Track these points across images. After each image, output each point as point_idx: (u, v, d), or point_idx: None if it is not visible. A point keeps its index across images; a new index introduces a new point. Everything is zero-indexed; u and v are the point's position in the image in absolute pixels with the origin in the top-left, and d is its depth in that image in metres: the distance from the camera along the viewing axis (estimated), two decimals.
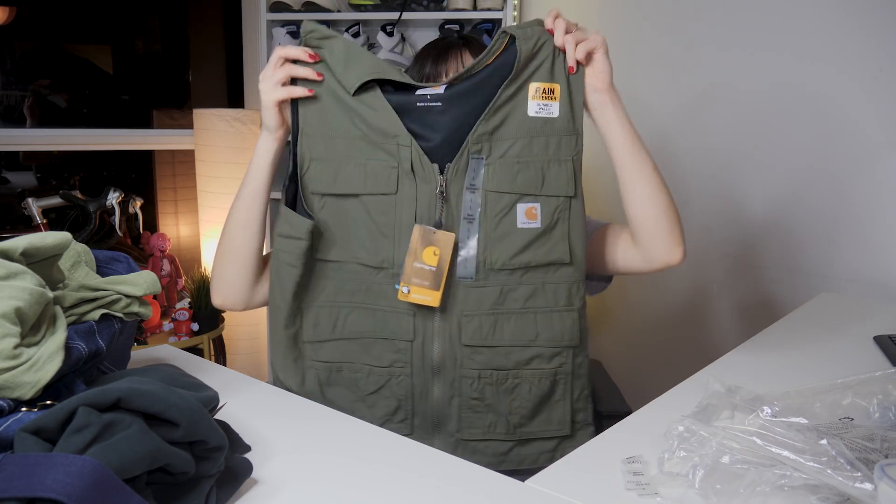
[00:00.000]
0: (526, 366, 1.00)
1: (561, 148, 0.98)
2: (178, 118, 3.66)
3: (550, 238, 0.99)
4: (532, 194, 0.98)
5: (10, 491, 0.47)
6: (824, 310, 1.46)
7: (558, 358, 1.00)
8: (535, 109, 0.98)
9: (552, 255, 0.99)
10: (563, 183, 0.98)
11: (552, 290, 1.00)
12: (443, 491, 0.69)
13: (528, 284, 0.99)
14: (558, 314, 1.00)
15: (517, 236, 0.98)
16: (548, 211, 0.98)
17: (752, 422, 0.72)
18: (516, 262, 0.98)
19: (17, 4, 3.63)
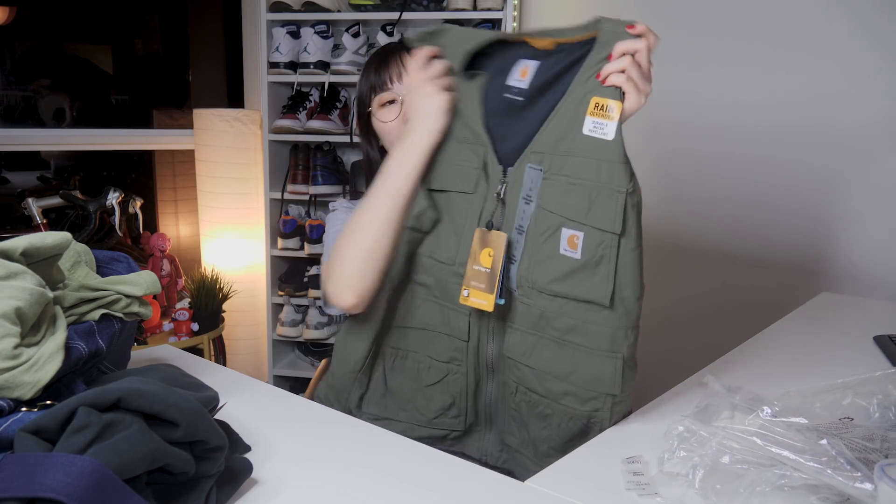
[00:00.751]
0: (558, 400, 0.93)
1: (614, 177, 0.85)
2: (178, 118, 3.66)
3: (594, 275, 0.88)
4: (577, 221, 0.88)
5: (10, 491, 0.47)
6: (824, 310, 1.46)
7: (594, 402, 0.91)
8: (589, 127, 0.87)
9: (591, 294, 0.88)
10: (611, 216, 0.85)
11: (594, 330, 0.89)
12: (443, 491, 0.69)
13: (569, 317, 0.90)
14: (598, 357, 0.89)
15: (557, 262, 0.90)
16: (590, 244, 0.87)
17: (752, 422, 0.72)
18: (554, 290, 0.90)
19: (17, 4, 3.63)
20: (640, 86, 0.85)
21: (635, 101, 0.85)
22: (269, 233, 2.53)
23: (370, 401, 1.09)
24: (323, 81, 2.43)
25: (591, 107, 0.87)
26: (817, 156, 1.85)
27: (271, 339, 2.57)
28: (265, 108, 2.45)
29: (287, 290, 2.50)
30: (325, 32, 2.38)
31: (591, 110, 0.87)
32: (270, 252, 2.53)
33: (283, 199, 2.51)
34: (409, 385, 1.06)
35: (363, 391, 1.09)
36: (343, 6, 2.41)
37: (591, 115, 0.87)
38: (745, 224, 1.99)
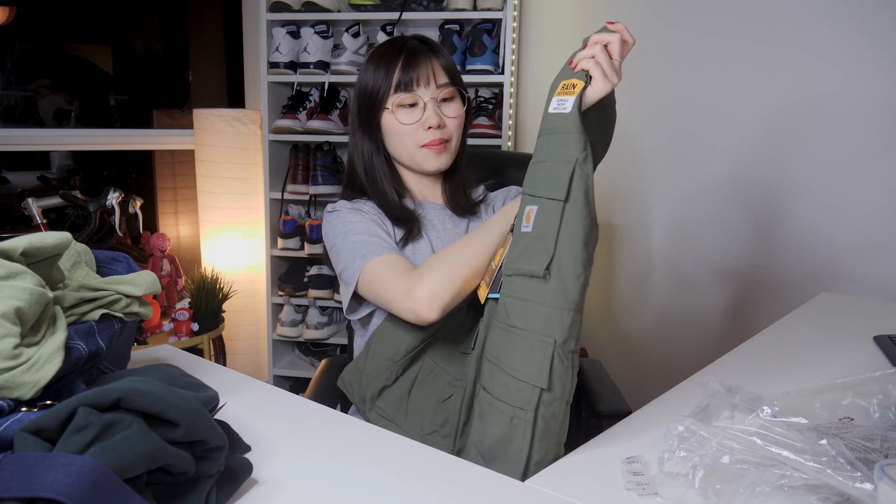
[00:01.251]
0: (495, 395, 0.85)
1: (567, 147, 0.85)
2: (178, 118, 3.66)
3: (537, 248, 0.84)
4: (535, 196, 0.87)
5: (10, 491, 0.47)
6: (824, 310, 1.46)
7: (520, 395, 0.82)
8: (553, 106, 0.88)
9: (531, 264, 0.83)
10: (557, 184, 0.83)
11: (532, 309, 0.83)
12: (443, 491, 0.69)
13: (518, 298, 0.85)
14: (531, 342, 0.82)
15: (519, 241, 0.87)
16: (542, 216, 0.85)
17: (752, 422, 0.72)
18: (510, 268, 0.87)
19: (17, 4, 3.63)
20: (607, 72, 0.86)
21: (601, 85, 0.86)
22: (269, 233, 2.53)
23: (388, 397, 1.06)
24: (323, 81, 2.43)
25: (558, 89, 0.89)
26: (817, 156, 1.85)
27: (271, 339, 2.57)
28: (265, 108, 2.45)
29: (287, 290, 2.50)
30: (325, 32, 2.38)
31: (558, 91, 0.89)
32: (270, 252, 2.53)
33: (283, 199, 2.51)
34: (428, 399, 1.03)
35: (387, 384, 1.06)
36: (343, 6, 2.41)
37: (557, 95, 0.89)
38: (745, 224, 1.99)
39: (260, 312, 2.61)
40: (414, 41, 1.16)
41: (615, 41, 0.89)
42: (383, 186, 1.18)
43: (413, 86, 1.12)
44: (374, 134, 1.17)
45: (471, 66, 2.22)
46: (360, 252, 1.07)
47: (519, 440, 0.82)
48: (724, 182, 2.02)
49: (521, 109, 2.42)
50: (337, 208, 1.17)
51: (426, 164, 1.16)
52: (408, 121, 1.13)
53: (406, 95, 1.12)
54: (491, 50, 2.23)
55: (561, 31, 2.35)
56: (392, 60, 1.13)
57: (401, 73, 1.12)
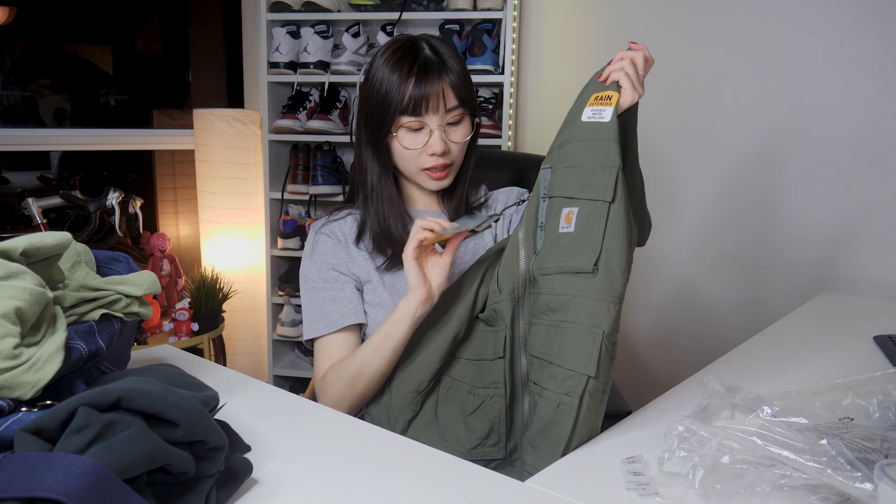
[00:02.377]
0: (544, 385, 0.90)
1: (608, 153, 0.91)
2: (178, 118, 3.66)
3: (585, 245, 0.89)
4: (573, 197, 0.92)
5: (10, 491, 0.47)
6: (824, 310, 1.46)
7: (569, 382, 0.87)
8: (588, 115, 0.94)
9: (578, 261, 0.89)
10: (602, 187, 0.89)
11: (578, 303, 0.88)
12: (443, 491, 0.69)
13: (560, 294, 0.90)
14: (579, 332, 0.88)
15: (556, 241, 0.93)
16: (583, 216, 0.90)
17: (752, 422, 0.72)
18: (550, 267, 0.92)
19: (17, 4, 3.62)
20: (635, 83, 0.94)
21: (630, 94, 0.94)
22: (269, 233, 2.53)
23: (417, 427, 1.06)
24: (323, 81, 2.43)
25: (591, 100, 0.95)
26: (818, 155, 1.85)
27: (271, 339, 2.57)
28: (265, 108, 2.45)
29: (287, 290, 2.50)
30: (325, 32, 2.38)
31: (591, 102, 0.95)
32: (270, 252, 2.53)
33: (283, 199, 2.51)
34: (455, 415, 1.04)
35: (413, 415, 1.07)
36: (343, 6, 2.41)
37: (590, 106, 0.95)
38: (745, 224, 1.99)
39: (260, 312, 2.61)
40: (427, 51, 1.11)
41: (639, 57, 0.96)
42: (386, 208, 1.17)
43: (421, 111, 1.09)
44: (381, 154, 1.16)
45: (471, 66, 2.22)
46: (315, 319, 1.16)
47: (562, 425, 0.86)
48: (725, 182, 2.02)
49: (521, 109, 2.42)
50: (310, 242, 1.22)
51: (426, 185, 1.17)
52: (412, 146, 1.11)
53: (413, 120, 1.10)
54: (491, 50, 2.23)
55: (561, 31, 2.35)
56: (403, 74, 1.09)
57: (413, 90, 1.08)
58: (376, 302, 1.16)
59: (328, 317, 1.15)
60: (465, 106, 1.13)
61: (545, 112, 2.41)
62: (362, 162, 1.18)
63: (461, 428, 1.03)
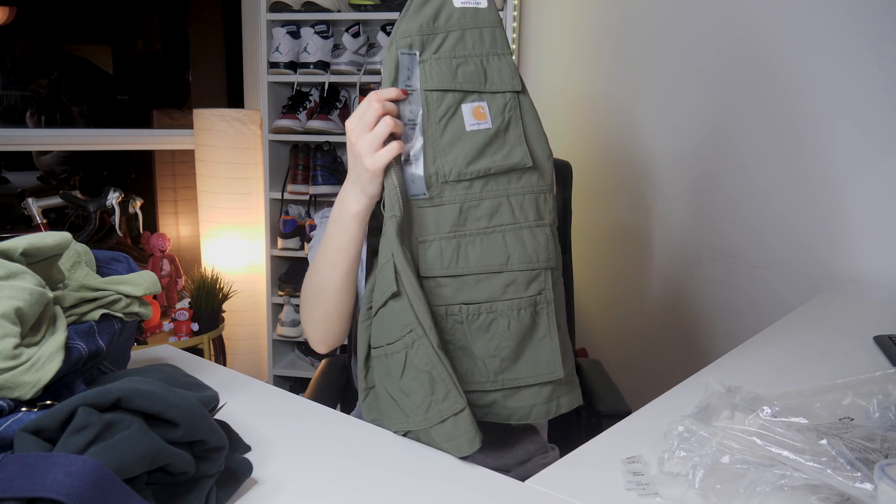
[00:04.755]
0: (501, 296, 0.86)
1: (496, 41, 0.89)
2: (178, 118, 3.66)
3: (506, 140, 0.87)
4: (476, 91, 0.87)
5: (10, 491, 0.47)
6: (824, 310, 1.46)
7: (536, 283, 0.87)
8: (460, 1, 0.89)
9: (511, 158, 0.87)
10: (507, 76, 0.88)
11: (518, 202, 0.87)
12: (443, 491, 0.69)
13: (490, 198, 0.87)
14: (529, 231, 0.87)
15: (469, 140, 0.86)
16: (496, 109, 0.88)
17: (752, 422, 0.72)
18: (473, 171, 0.86)
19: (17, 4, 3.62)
20: None
21: None
22: (269, 233, 2.53)
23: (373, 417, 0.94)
24: (323, 81, 2.43)
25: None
26: (817, 156, 1.85)
27: (271, 339, 2.57)
28: (265, 108, 2.45)
29: (287, 290, 2.50)
30: (325, 32, 2.38)
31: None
32: (270, 252, 2.53)
33: (283, 199, 2.51)
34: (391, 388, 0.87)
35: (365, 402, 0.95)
36: (343, 6, 2.41)
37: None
38: (745, 224, 1.99)
39: (260, 312, 2.61)
40: None
41: None
42: None
43: None
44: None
45: None
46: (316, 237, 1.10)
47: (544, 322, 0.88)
48: (724, 182, 2.02)
49: None
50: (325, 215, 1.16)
51: None
52: None
53: None
54: None
55: (561, 31, 2.35)
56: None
57: None
58: None
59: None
60: None
61: (545, 112, 2.41)
62: None
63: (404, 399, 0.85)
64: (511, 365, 0.87)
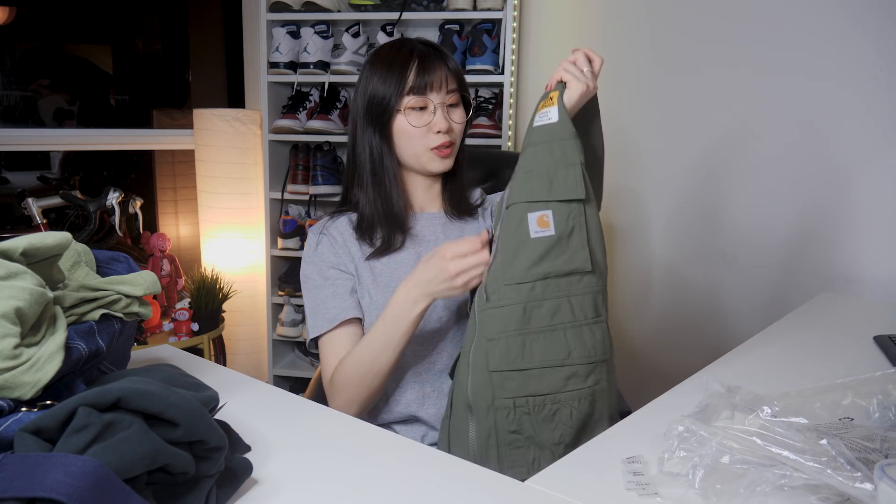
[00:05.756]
0: (563, 388, 0.93)
1: (566, 152, 0.94)
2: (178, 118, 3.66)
3: (569, 246, 0.93)
4: (541, 200, 0.93)
5: (10, 491, 0.47)
6: (824, 310, 1.46)
7: (594, 375, 0.94)
8: (537, 121, 0.97)
9: (572, 263, 0.93)
10: (573, 186, 0.93)
11: (578, 302, 0.94)
12: (443, 490, 0.69)
13: (551, 299, 0.93)
14: (588, 328, 0.94)
15: (531, 247, 0.93)
16: (560, 217, 0.93)
17: (752, 422, 0.72)
18: (534, 274, 0.93)
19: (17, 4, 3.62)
20: (577, 74, 0.98)
21: (576, 86, 0.97)
22: (269, 233, 2.53)
23: None
24: (323, 81, 2.43)
25: (538, 108, 0.98)
26: (817, 156, 1.85)
27: (271, 339, 2.57)
28: (265, 108, 2.45)
29: (287, 290, 2.50)
30: (325, 32, 2.38)
31: (538, 109, 0.98)
32: (270, 252, 2.53)
33: (283, 199, 2.51)
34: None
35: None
36: (343, 6, 2.41)
37: (539, 112, 0.98)
38: (746, 224, 1.99)
39: (260, 312, 2.61)
40: (422, 45, 1.18)
41: (579, 56, 1.00)
42: (390, 191, 1.18)
43: (426, 90, 1.14)
44: (385, 136, 1.17)
45: (471, 66, 2.22)
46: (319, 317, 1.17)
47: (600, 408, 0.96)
48: (724, 182, 2.02)
49: (521, 109, 2.42)
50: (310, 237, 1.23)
51: (431, 166, 1.17)
52: (418, 123, 1.14)
53: (418, 99, 1.14)
54: (491, 50, 2.23)
55: (561, 31, 2.35)
56: (405, 64, 1.14)
57: (415, 77, 1.13)
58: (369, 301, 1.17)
59: (330, 312, 1.15)
60: (462, 90, 1.20)
61: None
62: (360, 149, 1.19)
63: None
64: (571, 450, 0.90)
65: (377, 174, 1.18)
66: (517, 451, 0.95)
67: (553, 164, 0.94)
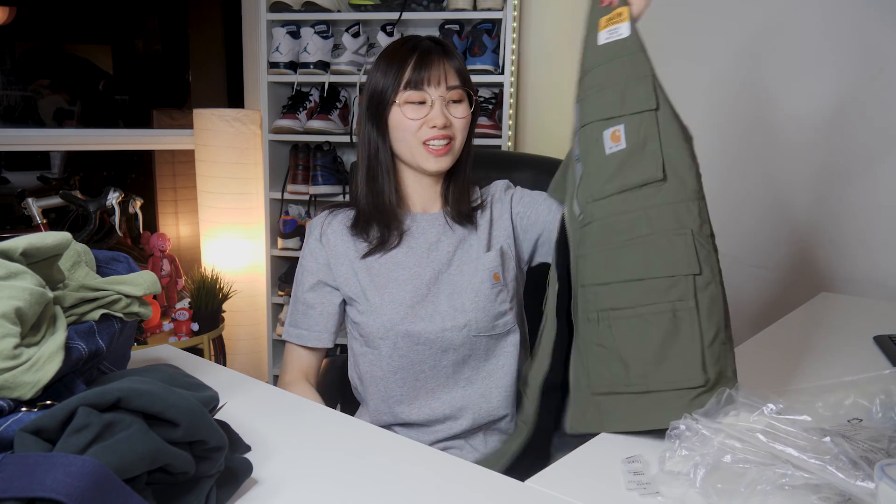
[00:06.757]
0: (643, 302, 0.89)
1: (637, 65, 0.94)
2: (178, 118, 3.66)
3: (643, 156, 0.91)
4: (614, 116, 0.93)
5: (10, 491, 0.47)
6: (824, 310, 1.46)
7: (675, 290, 0.87)
8: (604, 38, 0.97)
9: (644, 174, 0.91)
10: (644, 97, 0.92)
11: (657, 214, 0.90)
12: (443, 490, 0.69)
13: (630, 212, 0.91)
14: (666, 239, 0.89)
15: (607, 163, 0.93)
16: (632, 130, 0.92)
17: (757, 419, 0.72)
18: (609, 189, 0.93)
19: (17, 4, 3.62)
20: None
21: (641, 3, 0.97)
22: (269, 233, 2.53)
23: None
24: (323, 81, 2.43)
25: (602, 25, 0.97)
26: (817, 156, 1.85)
27: (271, 339, 2.57)
28: (265, 108, 2.45)
29: (287, 290, 2.50)
30: (325, 32, 2.38)
31: (603, 26, 0.97)
32: (270, 252, 2.53)
33: (283, 199, 2.51)
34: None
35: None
36: (343, 6, 2.41)
37: (604, 29, 0.97)
38: (746, 224, 1.99)
39: (260, 312, 2.61)
40: (428, 41, 1.17)
41: None
42: (382, 185, 1.18)
43: (423, 84, 1.13)
44: (381, 129, 1.17)
45: (471, 66, 2.22)
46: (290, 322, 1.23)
47: (687, 328, 0.86)
48: (724, 182, 2.02)
49: (521, 109, 2.42)
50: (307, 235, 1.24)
51: (426, 164, 1.16)
52: (414, 116, 1.13)
53: (415, 93, 1.13)
54: (491, 50, 2.23)
55: (561, 31, 2.35)
56: (404, 59, 1.14)
57: (412, 72, 1.13)
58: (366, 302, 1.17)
59: (300, 327, 1.22)
60: (466, 86, 1.18)
61: (545, 112, 2.41)
62: (361, 143, 1.20)
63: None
64: (654, 369, 0.88)
65: (371, 167, 1.18)
66: (602, 365, 0.92)
67: (625, 78, 0.94)
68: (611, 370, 0.90)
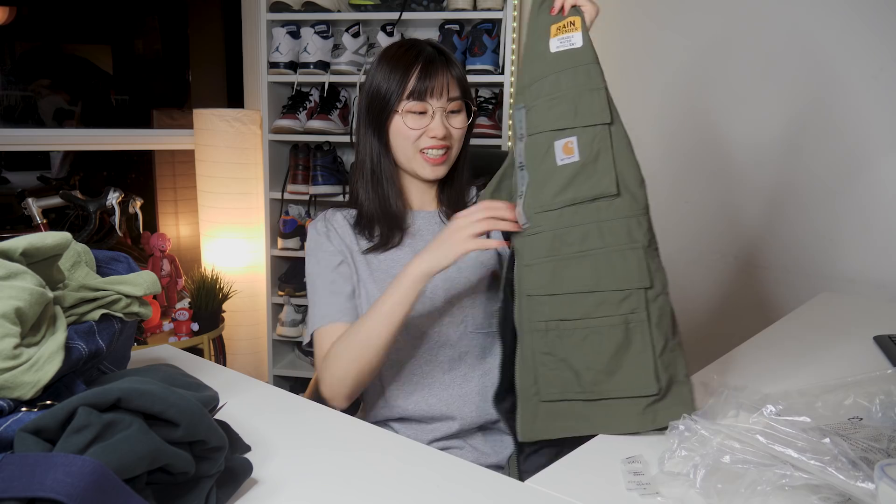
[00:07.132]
0: (593, 314, 0.91)
1: (591, 76, 0.94)
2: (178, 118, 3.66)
3: (595, 170, 0.92)
4: (567, 128, 0.94)
5: (10, 491, 0.47)
6: (824, 310, 1.46)
7: (627, 303, 0.90)
8: (556, 45, 0.96)
9: (597, 188, 0.92)
10: (598, 110, 0.93)
11: (608, 228, 0.92)
12: (443, 490, 0.69)
13: (580, 225, 0.93)
14: (619, 254, 0.91)
15: (559, 174, 0.93)
16: (585, 142, 0.93)
17: (757, 420, 0.72)
18: (559, 202, 0.93)
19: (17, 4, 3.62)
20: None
21: (592, 9, 0.97)
22: (269, 233, 2.53)
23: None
24: (323, 81, 2.43)
25: (553, 32, 0.96)
26: (817, 156, 1.85)
27: (271, 339, 2.57)
28: (265, 108, 2.44)
29: (287, 290, 2.50)
30: (325, 32, 2.38)
31: (555, 34, 0.96)
32: (270, 252, 2.53)
33: (283, 199, 2.51)
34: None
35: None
36: (343, 6, 2.41)
37: (555, 36, 0.96)
38: (745, 224, 1.99)
39: (260, 312, 2.61)
40: (430, 48, 1.18)
41: None
42: (387, 191, 1.19)
43: (426, 95, 1.14)
44: (382, 136, 1.18)
45: (471, 66, 2.22)
46: (317, 314, 1.16)
47: (639, 339, 0.89)
48: (724, 182, 2.02)
49: None
50: (311, 232, 1.23)
51: (422, 172, 1.18)
52: (414, 126, 1.15)
53: (417, 104, 1.14)
54: (491, 50, 2.23)
55: None
56: (409, 67, 1.14)
57: (417, 82, 1.13)
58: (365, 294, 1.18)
59: (332, 307, 1.15)
60: (466, 97, 1.19)
61: None
62: (362, 146, 1.20)
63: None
64: (607, 378, 0.90)
65: (375, 174, 1.20)
66: (551, 372, 0.94)
67: (578, 90, 0.94)
68: (561, 378, 0.93)
